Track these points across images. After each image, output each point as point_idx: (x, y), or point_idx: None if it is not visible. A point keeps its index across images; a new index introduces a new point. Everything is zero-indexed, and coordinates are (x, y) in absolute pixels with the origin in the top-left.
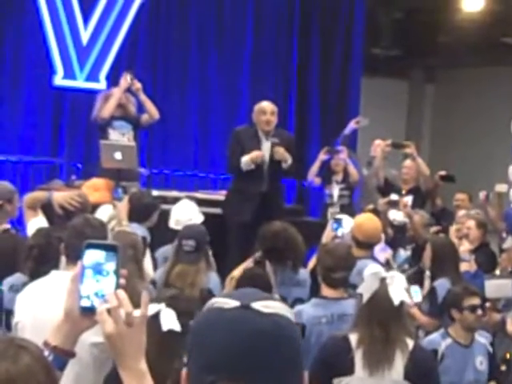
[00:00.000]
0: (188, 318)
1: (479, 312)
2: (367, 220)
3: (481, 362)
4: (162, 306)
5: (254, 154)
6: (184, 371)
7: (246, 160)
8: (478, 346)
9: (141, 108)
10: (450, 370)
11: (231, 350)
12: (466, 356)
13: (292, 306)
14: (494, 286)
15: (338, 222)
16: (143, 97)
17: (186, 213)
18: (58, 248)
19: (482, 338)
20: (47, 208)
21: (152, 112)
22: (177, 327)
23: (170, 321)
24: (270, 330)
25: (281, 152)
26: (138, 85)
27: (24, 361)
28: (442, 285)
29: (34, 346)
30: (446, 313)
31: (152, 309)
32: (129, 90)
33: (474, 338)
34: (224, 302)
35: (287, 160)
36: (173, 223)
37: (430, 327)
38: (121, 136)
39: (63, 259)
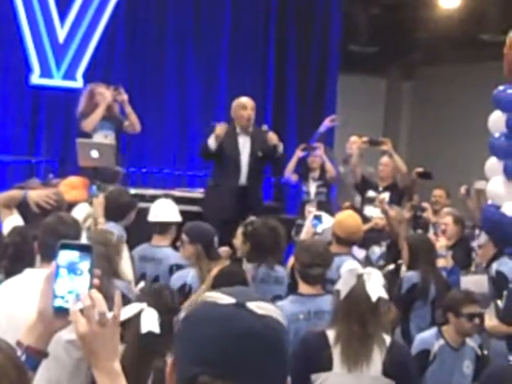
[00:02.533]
0: (172, 314)
1: (477, 321)
2: (348, 217)
3: (467, 366)
4: (143, 306)
5: (217, 129)
6: (170, 359)
7: (211, 141)
8: (467, 349)
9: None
10: (439, 372)
11: (220, 346)
12: (455, 359)
13: (272, 302)
14: (469, 282)
15: (318, 218)
16: (129, 109)
17: (165, 207)
18: (33, 246)
19: (472, 342)
20: (23, 207)
21: (135, 125)
22: (156, 329)
23: (150, 322)
24: (261, 332)
25: (275, 137)
26: (124, 96)
27: None
28: (409, 277)
29: (6, 344)
30: (442, 313)
31: (134, 308)
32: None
33: (465, 341)
34: (219, 297)
35: (280, 145)
36: (152, 217)
37: (394, 320)
38: (104, 138)
39: (38, 257)
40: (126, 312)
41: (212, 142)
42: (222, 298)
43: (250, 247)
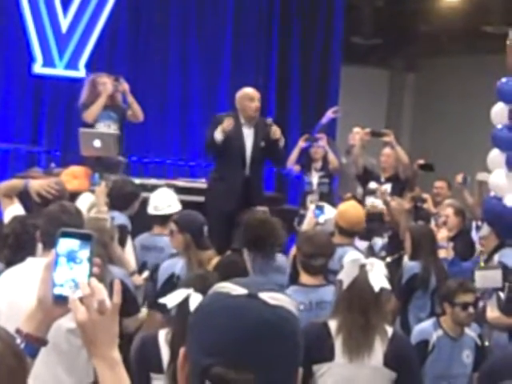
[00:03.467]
0: None
1: (471, 310)
2: (351, 208)
3: (467, 356)
4: (190, 291)
5: (225, 122)
6: (183, 350)
7: (217, 134)
8: (466, 339)
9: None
10: (438, 362)
11: (233, 337)
12: (454, 349)
13: None
14: (483, 277)
15: (320, 208)
16: (130, 98)
17: (164, 199)
18: (34, 235)
19: (471, 331)
20: (24, 196)
21: (137, 114)
22: None
23: None
24: (274, 322)
25: (279, 132)
26: (125, 86)
27: None
28: (410, 268)
29: (5, 332)
30: (439, 304)
31: (182, 294)
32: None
33: (464, 331)
34: (232, 288)
35: (282, 139)
36: (152, 209)
37: (395, 309)
38: (107, 128)
39: (39, 246)
40: (175, 298)
41: (218, 135)
42: (235, 288)
43: (244, 239)
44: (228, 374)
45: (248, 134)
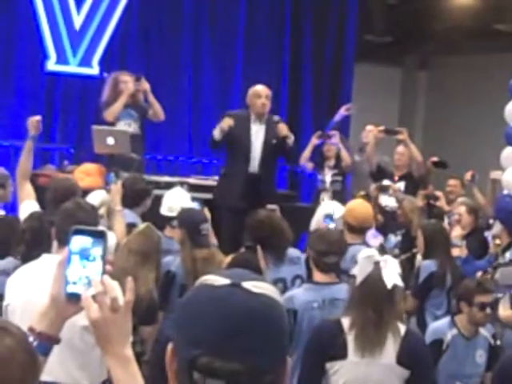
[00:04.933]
0: None
1: (488, 310)
2: (359, 205)
3: (480, 355)
4: None
5: (223, 122)
6: (170, 345)
7: (216, 132)
8: (480, 339)
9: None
10: (452, 361)
11: (219, 327)
12: (468, 349)
13: (293, 283)
14: (507, 274)
15: (329, 217)
16: (151, 98)
17: (178, 199)
18: (50, 232)
19: (485, 331)
20: (40, 193)
21: (158, 113)
22: None
23: None
24: (259, 310)
25: (285, 128)
26: (146, 85)
27: (5, 343)
28: (427, 266)
29: (17, 328)
30: (457, 306)
31: None
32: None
33: (478, 330)
34: (215, 280)
35: (291, 137)
36: (165, 210)
37: (413, 308)
38: (127, 126)
39: (55, 243)
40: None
41: (217, 133)
42: (218, 279)
43: (250, 240)
44: (215, 363)
45: (258, 131)
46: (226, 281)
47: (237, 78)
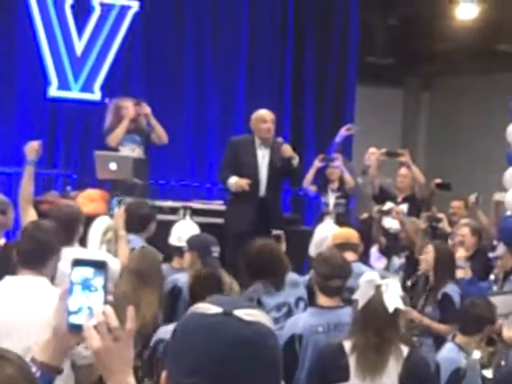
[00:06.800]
0: None
1: None
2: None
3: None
4: None
5: (242, 181)
6: (164, 374)
7: (231, 183)
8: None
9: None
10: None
11: (210, 355)
12: (475, 368)
13: (296, 305)
14: (502, 302)
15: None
16: (153, 121)
17: (187, 230)
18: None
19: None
20: (42, 219)
21: (161, 136)
22: None
23: None
24: (251, 338)
25: (290, 149)
26: (146, 109)
27: (7, 371)
28: (455, 290)
29: (17, 357)
30: (474, 327)
31: None
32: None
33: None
34: (206, 308)
35: (295, 157)
36: (175, 240)
37: (448, 334)
38: (131, 152)
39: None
40: None
41: (232, 187)
42: (209, 307)
43: (248, 272)
44: None
45: (264, 155)
46: (218, 309)
47: (239, 101)
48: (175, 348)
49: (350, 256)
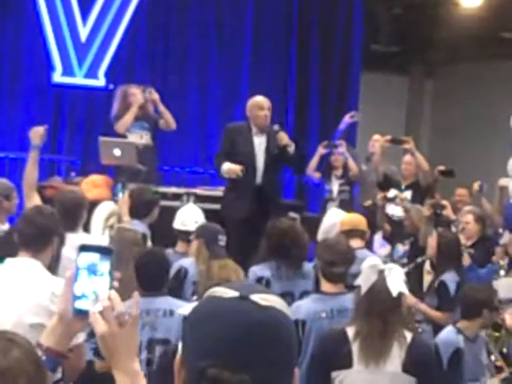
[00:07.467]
0: None
1: None
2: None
3: (484, 357)
4: None
5: (235, 167)
6: (178, 357)
7: (224, 169)
8: (480, 339)
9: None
10: (467, 366)
11: (226, 338)
12: (473, 350)
13: (300, 298)
14: (505, 286)
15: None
16: (162, 108)
17: (192, 214)
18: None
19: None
20: (46, 204)
21: (170, 122)
22: None
23: None
24: (266, 323)
25: (285, 137)
26: (155, 96)
27: (14, 354)
28: (451, 278)
29: (25, 340)
30: (473, 311)
31: None
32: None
33: (478, 333)
34: (223, 292)
35: (291, 145)
36: (179, 224)
37: (446, 321)
38: (139, 138)
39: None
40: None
41: (225, 174)
42: (226, 291)
43: (268, 248)
44: (223, 374)
45: (260, 143)
46: (234, 293)
47: (243, 88)
48: (191, 331)
49: (357, 243)
